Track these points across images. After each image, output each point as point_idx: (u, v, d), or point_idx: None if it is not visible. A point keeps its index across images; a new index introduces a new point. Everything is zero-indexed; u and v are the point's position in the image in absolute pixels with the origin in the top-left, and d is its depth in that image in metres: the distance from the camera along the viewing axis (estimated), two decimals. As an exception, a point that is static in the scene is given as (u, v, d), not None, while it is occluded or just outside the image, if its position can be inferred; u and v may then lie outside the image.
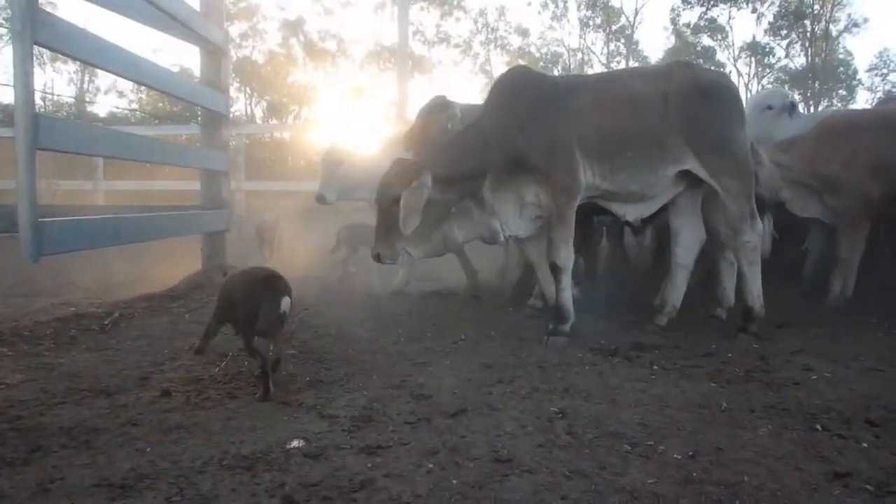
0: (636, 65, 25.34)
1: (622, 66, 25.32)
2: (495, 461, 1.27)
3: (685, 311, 2.85)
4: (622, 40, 25.86)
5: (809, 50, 23.70)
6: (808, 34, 23.57)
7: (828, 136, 2.88)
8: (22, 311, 2.87)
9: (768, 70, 24.96)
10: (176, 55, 32.78)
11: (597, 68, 25.24)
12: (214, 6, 3.89)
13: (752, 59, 24.77)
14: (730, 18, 23.25)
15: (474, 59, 26.41)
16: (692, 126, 2.21)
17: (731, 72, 25.16)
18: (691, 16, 23.68)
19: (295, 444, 1.35)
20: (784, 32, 23.99)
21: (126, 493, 1.13)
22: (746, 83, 24.70)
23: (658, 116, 2.23)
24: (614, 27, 25.83)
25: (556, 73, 25.40)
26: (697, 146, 2.21)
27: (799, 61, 24.17)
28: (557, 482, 1.19)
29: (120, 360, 2.09)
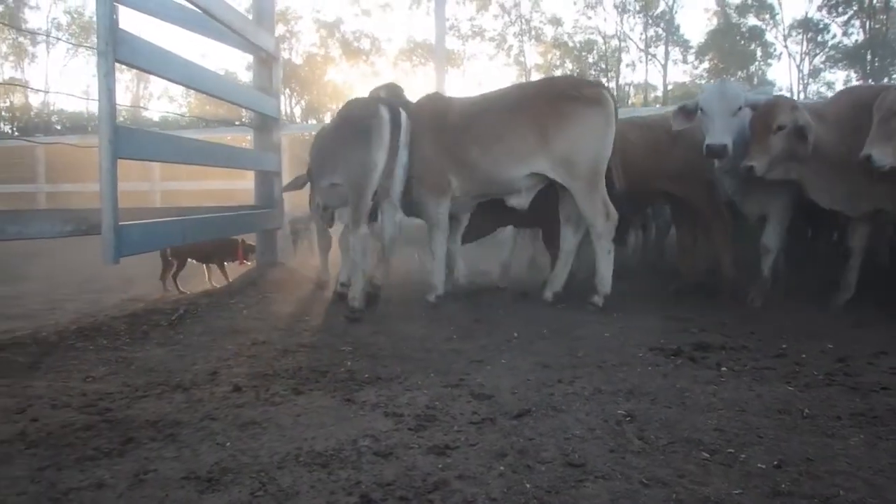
0: (674, 49, 24.89)
1: (661, 50, 24.79)
2: (567, 465, 1.25)
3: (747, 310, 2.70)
4: (661, 25, 24.88)
5: (867, 24, 21.79)
6: (867, 6, 21.74)
7: (861, 111, 2.41)
8: (97, 307, 3.08)
9: (820, 49, 23.17)
10: (222, 60, 34.27)
11: (633, 54, 24.67)
12: (266, 15, 4.00)
13: (804, 37, 23.04)
14: (781, -4, 21.65)
15: (508, 52, 26.12)
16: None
17: (780, 53, 23.77)
18: (737, -5, 22.32)
19: (364, 441, 1.37)
20: (841, 9, 22.17)
21: (213, 487, 1.18)
22: (798, 63, 23.05)
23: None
24: (654, 13, 24.88)
25: (589, 60, 25.39)
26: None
27: (855, 38, 22.29)
28: (635, 490, 1.15)
29: (189, 354, 2.20)
